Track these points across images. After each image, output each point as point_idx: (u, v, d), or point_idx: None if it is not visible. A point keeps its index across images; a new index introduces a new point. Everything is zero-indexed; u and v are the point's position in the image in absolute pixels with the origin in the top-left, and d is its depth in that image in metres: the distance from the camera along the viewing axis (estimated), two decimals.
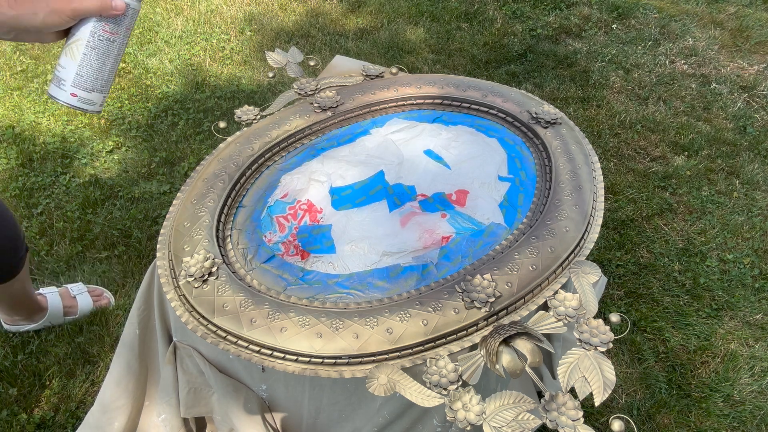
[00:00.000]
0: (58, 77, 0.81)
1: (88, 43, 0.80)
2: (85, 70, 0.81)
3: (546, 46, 2.86)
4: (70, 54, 0.80)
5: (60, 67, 0.81)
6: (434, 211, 1.00)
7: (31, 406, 1.46)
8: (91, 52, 0.80)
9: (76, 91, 0.81)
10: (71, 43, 0.80)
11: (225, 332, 0.79)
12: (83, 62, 0.81)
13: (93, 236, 1.90)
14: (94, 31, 0.80)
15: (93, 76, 0.82)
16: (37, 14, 0.74)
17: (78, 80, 0.81)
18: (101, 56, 0.82)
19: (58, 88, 0.81)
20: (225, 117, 2.38)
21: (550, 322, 0.79)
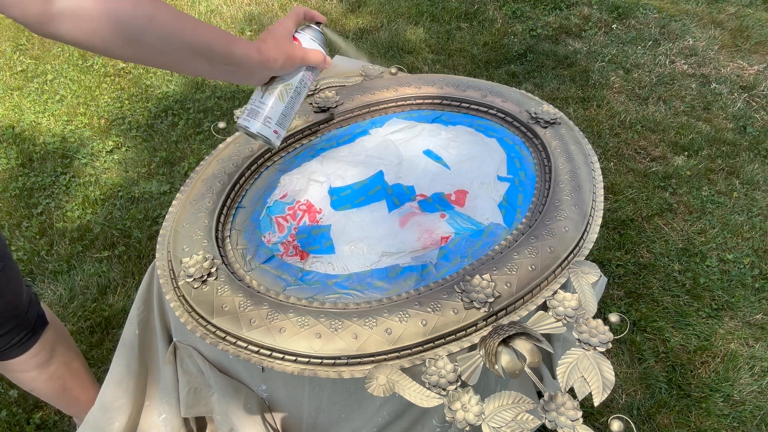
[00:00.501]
0: (261, 114, 0.89)
1: (296, 89, 0.90)
2: (287, 111, 0.90)
3: (546, 46, 2.85)
4: (279, 96, 0.89)
5: (264, 105, 0.89)
6: (433, 212, 1.00)
7: (30, 407, 1.46)
8: (295, 96, 0.91)
9: (278, 129, 0.90)
10: (279, 86, 0.89)
11: (224, 332, 0.80)
12: (289, 104, 0.90)
13: (93, 236, 1.90)
14: (303, 79, 0.91)
15: (289, 116, 0.92)
16: (277, 60, 0.82)
17: (282, 119, 0.90)
18: (299, 100, 0.92)
19: (260, 123, 0.89)
20: (225, 117, 2.38)
21: (549, 323, 0.79)
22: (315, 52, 0.90)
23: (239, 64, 0.78)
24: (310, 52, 0.89)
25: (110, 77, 2.66)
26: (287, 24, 0.88)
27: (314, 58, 0.89)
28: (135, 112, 2.45)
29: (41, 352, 1.10)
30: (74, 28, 0.64)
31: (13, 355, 1.07)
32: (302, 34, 0.92)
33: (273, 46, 0.83)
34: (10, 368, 1.10)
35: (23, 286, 1.05)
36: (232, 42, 0.76)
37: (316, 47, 0.91)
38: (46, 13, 0.62)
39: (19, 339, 1.06)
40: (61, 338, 1.16)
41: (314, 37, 0.92)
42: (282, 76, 0.89)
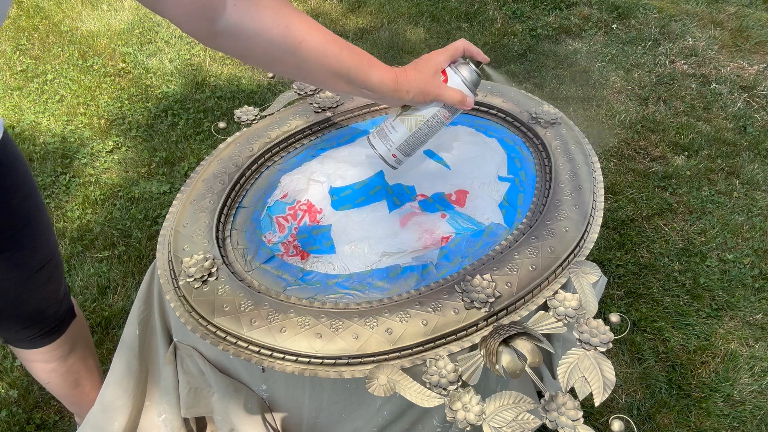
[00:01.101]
0: (387, 136, 0.91)
1: (427, 122, 0.90)
2: (412, 141, 0.91)
3: (546, 46, 2.86)
4: (408, 124, 0.90)
5: (392, 129, 0.91)
6: (434, 212, 1.00)
7: (30, 407, 1.46)
8: (424, 128, 0.90)
9: (397, 153, 0.92)
10: (412, 115, 0.89)
11: (225, 333, 0.79)
12: (415, 134, 0.90)
13: (93, 236, 1.90)
14: (436, 114, 0.90)
15: (414, 146, 0.92)
16: (409, 92, 0.84)
17: (403, 146, 0.91)
18: (429, 133, 0.91)
19: (383, 144, 0.92)
20: (225, 117, 2.38)
21: (549, 322, 0.79)
22: (453, 91, 0.87)
23: (374, 90, 0.82)
24: (448, 90, 0.87)
25: (110, 77, 2.66)
26: (439, 57, 0.87)
27: (449, 97, 0.87)
28: (135, 112, 2.45)
29: (65, 344, 1.12)
30: (233, 45, 0.73)
31: (41, 344, 1.09)
32: (454, 70, 0.88)
33: (412, 77, 0.84)
34: (32, 357, 1.12)
35: (63, 275, 1.09)
36: (371, 68, 0.80)
37: (461, 87, 0.88)
38: (211, 31, 0.70)
39: (50, 328, 1.08)
40: (83, 333, 1.18)
41: (465, 77, 0.88)
42: (417, 106, 0.89)
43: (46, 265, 1.00)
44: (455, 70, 0.88)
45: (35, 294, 1.01)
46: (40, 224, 0.98)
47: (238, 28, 0.70)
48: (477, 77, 0.89)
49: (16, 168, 0.92)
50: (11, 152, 0.91)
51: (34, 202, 0.96)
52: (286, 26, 0.72)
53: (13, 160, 0.92)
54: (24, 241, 0.95)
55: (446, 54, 0.88)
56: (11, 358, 1.54)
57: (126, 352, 1.03)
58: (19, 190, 0.93)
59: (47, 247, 1.00)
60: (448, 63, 0.88)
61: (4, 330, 1.05)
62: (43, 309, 1.05)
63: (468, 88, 0.88)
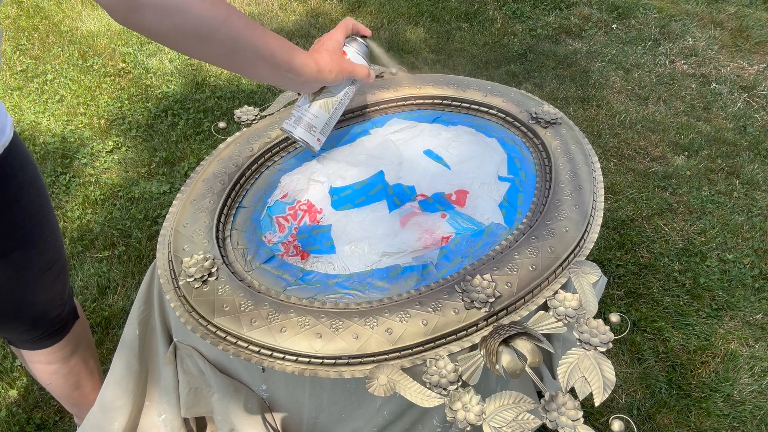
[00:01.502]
0: (308, 123, 0.96)
1: (340, 101, 0.97)
2: (330, 121, 0.97)
3: (546, 46, 2.86)
4: (324, 107, 0.96)
5: (312, 116, 0.96)
6: (434, 212, 1.00)
7: (30, 407, 1.46)
8: (339, 107, 0.97)
9: (321, 137, 0.98)
10: (327, 98, 0.95)
11: (225, 333, 0.79)
12: (332, 115, 0.97)
13: (93, 236, 1.90)
14: (347, 92, 0.97)
15: (331, 125, 0.98)
16: (331, 72, 0.89)
17: (325, 129, 0.97)
18: (340, 111, 0.98)
19: (308, 132, 0.96)
20: (225, 117, 2.38)
21: (549, 322, 0.79)
22: (361, 66, 0.95)
23: (298, 73, 0.84)
24: (358, 66, 0.94)
25: (110, 77, 2.66)
26: (337, 36, 0.93)
27: (360, 72, 0.95)
28: (135, 112, 2.45)
29: (67, 346, 1.12)
30: (157, 20, 0.68)
31: (44, 345, 1.09)
32: (348, 47, 0.96)
33: (327, 58, 0.89)
34: (34, 358, 1.12)
35: (68, 278, 1.09)
36: (293, 52, 0.82)
37: (361, 61, 0.96)
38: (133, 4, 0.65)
39: (54, 330, 1.08)
40: (85, 334, 1.18)
41: (359, 50, 0.96)
42: (329, 88, 0.95)
43: (54, 266, 1.00)
44: (350, 47, 0.96)
45: (41, 295, 1.01)
46: (49, 225, 0.98)
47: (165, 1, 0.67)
48: (367, 49, 0.98)
49: (26, 168, 0.92)
50: (20, 153, 0.91)
51: (43, 202, 0.97)
52: (211, 2, 0.72)
53: (23, 160, 0.92)
54: (34, 242, 0.95)
55: (341, 32, 0.94)
56: (11, 358, 1.54)
57: (126, 352, 1.03)
58: (29, 191, 0.93)
59: (55, 248, 1.00)
60: (343, 42, 0.94)
61: (8, 331, 1.05)
62: (48, 310, 1.05)
63: (365, 61, 0.96)
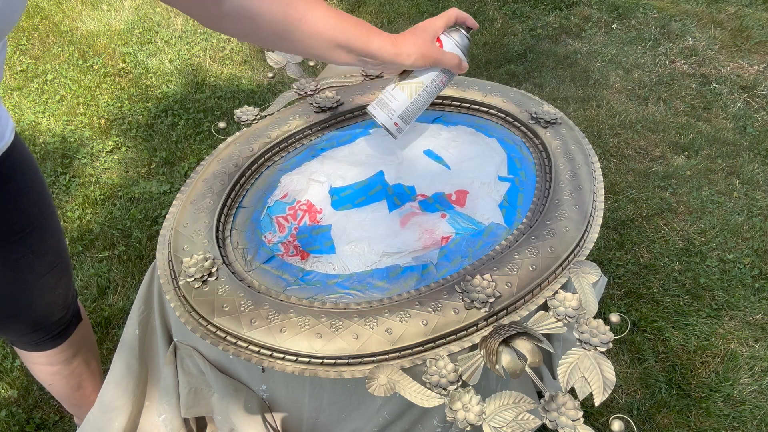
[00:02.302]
0: (387, 105, 0.94)
1: (425, 88, 0.93)
2: (413, 107, 0.94)
3: (546, 46, 2.86)
4: (407, 91, 0.93)
5: (392, 98, 0.94)
6: (434, 211, 1.00)
7: (30, 407, 1.46)
8: (423, 95, 0.94)
9: (399, 121, 0.95)
10: (411, 82, 0.92)
11: (225, 333, 0.79)
12: (415, 101, 0.94)
13: (93, 236, 1.90)
14: (434, 80, 0.93)
15: (415, 112, 0.95)
16: (410, 56, 0.86)
17: (405, 114, 0.95)
18: (428, 99, 0.95)
19: (385, 114, 0.95)
20: (225, 117, 2.38)
21: (550, 322, 0.79)
22: (451, 55, 0.91)
23: (375, 56, 0.85)
24: (446, 54, 0.91)
25: (110, 77, 2.66)
26: (436, 23, 0.90)
27: (448, 61, 0.91)
28: (135, 112, 2.45)
29: (70, 348, 1.12)
30: (236, 27, 0.77)
31: (46, 348, 1.09)
32: (447, 36, 0.92)
33: (410, 41, 0.87)
34: (36, 359, 1.12)
35: (73, 280, 1.09)
36: (370, 36, 0.83)
37: (456, 51, 0.92)
38: (217, 14, 0.74)
39: (57, 332, 1.08)
40: (88, 336, 1.18)
41: (458, 41, 0.92)
42: (415, 73, 0.92)
43: (55, 269, 1.00)
44: (449, 36, 0.92)
45: (42, 298, 1.00)
46: (50, 227, 0.97)
47: (241, 10, 0.74)
48: (468, 42, 0.93)
49: (28, 170, 0.92)
50: (23, 154, 0.91)
51: (44, 204, 0.96)
52: (286, 4, 0.76)
53: (24, 164, 0.91)
54: (33, 245, 0.94)
55: (441, 20, 0.91)
56: (11, 358, 1.54)
57: (126, 353, 1.03)
58: (31, 193, 0.92)
59: (56, 250, 1.00)
60: (442, 30, 0.91)
61: (10, 333, 1.05)
62: (50, 313, 1.04)
63: (462, 53, 0.92)
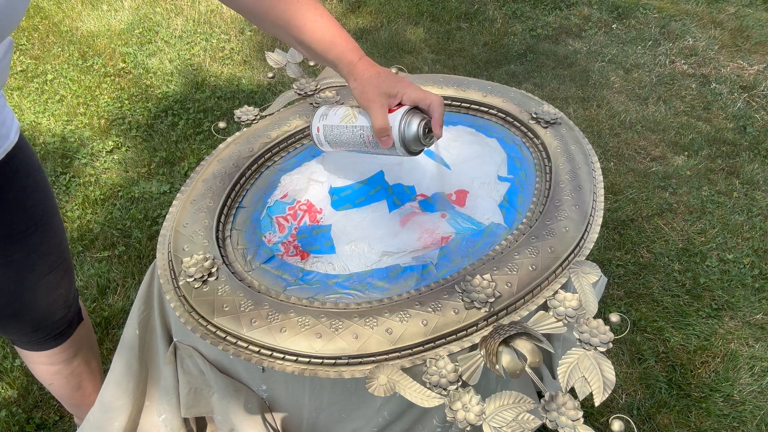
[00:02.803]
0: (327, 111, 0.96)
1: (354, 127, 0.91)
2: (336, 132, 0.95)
3: (546, 46, 2.86)
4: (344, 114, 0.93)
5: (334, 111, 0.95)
6: (434, 211, 1.00)
7: (30, 407, 1.46)
8: (349, 130, 0.92)
9: (321, 130, 0.96)
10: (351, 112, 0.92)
11: (225, 333, 0.79)
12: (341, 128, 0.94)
13: (93, 236, 1.90)
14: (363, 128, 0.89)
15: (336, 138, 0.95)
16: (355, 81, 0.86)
17: (328, 130, 0.95)
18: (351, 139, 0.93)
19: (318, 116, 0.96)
20: (225, 117, 2.38)
21: (549, 322, 0.79)
22: (383, 120, 0.84)
23: (333, 65, 0.87)
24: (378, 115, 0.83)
25: (110, 77, 2.66)
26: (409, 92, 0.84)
27: (375, 121, 0.84)
28: (135, 112, 2.45)
29: (70, 348, 1.12)
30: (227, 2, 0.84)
31: (47, 347, 1.09)
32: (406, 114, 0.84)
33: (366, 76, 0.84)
34: (37, 359, 1.12)
35: (74, 280, 1.09)
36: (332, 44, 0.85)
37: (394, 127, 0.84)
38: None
39: (58, 332, 1.08)
40: (88, 337, 1.18)
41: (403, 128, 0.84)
42: (360, 109, 0.90)
43: (57, 269, 1.00)
44: (406, 114, 0.85)
45: (44, 298, 1.01)
46: (52, 227, 0.97)
47: None
48: (415, 137, 0.85)
49: (32, 170, 0.92)
50: (27, 155, 0.91)
51: (48, 205, 0.96)
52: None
53: (29, 165, 0.92)
54: (35, 245, 0.94)
55: (416, 94, 0.85)
56: (11, 358, 1.54)
57: (126, 353, 1.03)
58: (34, 193, 0.93)
59: (58, 251, 1.00)
60: (411, 102, 0.85)
61: (11, 332, 1.05)
62: (52, 313, 1.05)
63: (399, 136, 0.85)
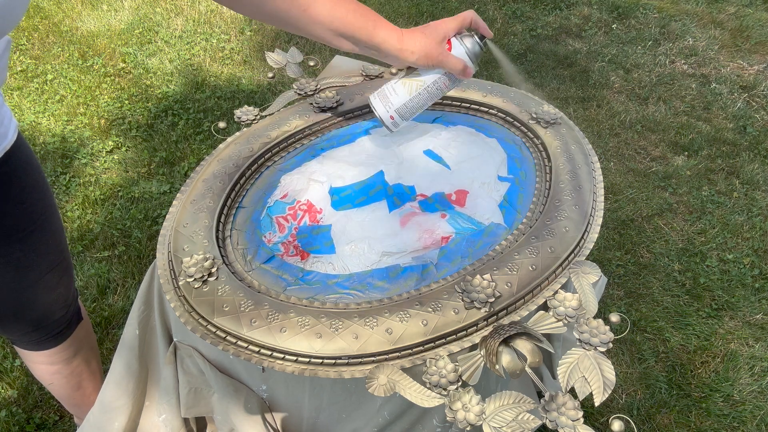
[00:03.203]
0: (387, 98, 0.94)
1: (427, 88, 0.92)
2: (411, 104, 0.94)
3: (546, 46, 2.85)
4: (408, 87, 0.92)
5: (392, 91, 0.94)
6: (434, 211, 1.00)
7: (30, 407, 1.46)
8: (424, 93, 0.93)
9: (395, 115, 0.95)
10: (413, 80, 0.92)
11: (225, 333, 0.79)
12: (414, 99, 0.93)
13: (93, 236, 1.90)
14: (437, 81, 0.92)
15: (413, 110, 0.95)
16: (414, 53, 0.87)
17: (402, 109, 0.95)
18: (428, 99, 0.95)
19: (383, 105, 0.95)
20: (225, 117, 2.38)
21: (549, 322, 0.79)
22: (456, 59, 0.89)
23: (378, 49, 0.85)
24: (451, 58, 0.89)
25: (110, 77, 2.66)
26: (449, 24, 0.89)
27: (452, 65, 0.89)
28: (135, 112, 2.45)
29: (70, 347, 1.12)
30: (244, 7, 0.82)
31: (47, 347, 1.09)
32: (459, 40, 0.90)
33: (417, 39, 0.86)
34: (37, 359, 1.12)
35: (73, 279, 1.08)
36: (376, 29, 0.84)
37: (463, 57, 0.90)
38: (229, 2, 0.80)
39: (57, 331, 1.08)
40: (88, 336, 1.18)
41: (469, 48, 0.90)
42: (419, 71, 0.91)
43: (56, 269, 1.00)
44: (460, 41, 0.90)
45: (43, 297, 1.01)
46: (51, 227, 0.97)
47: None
48: (479, 50, 0.91)
49: (31, 170, 0.92)
50: (25, 155, 0.91)
51: (47, 204, 0.96)
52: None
53: (27, 165, 0.92)
54: (34, 244, 0.94)
55: (454, 23, 0.90)
56: (11, 358, 1.54)
57: (126, 353, 1.03)
58: (33, 192, 0.93)
59: (57, 251, 1.00)
60: (455, 32, 0.90)
61: (10, 331, 1.05)
62: (51, 312, 1.04)
63: (470, 59, 0.90)
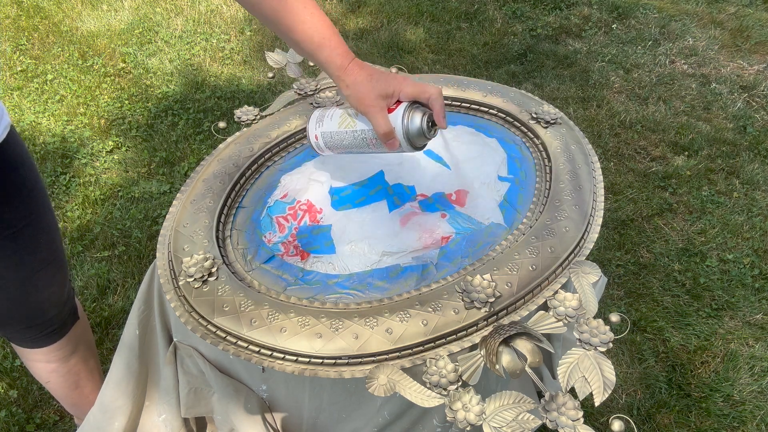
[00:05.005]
0: (322, 118, 0.93)
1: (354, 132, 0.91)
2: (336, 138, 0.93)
3: (546, 46, 2.86)
4: (342, 119, 0.91)
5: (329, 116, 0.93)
6: (434, 211, 1.00)
7: (30, 407, 1.46)
8: (350, 135, 0.90)
9: (320, 137, 0.95)
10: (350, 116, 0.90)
11: (225, 332, 0.79)
12: (341, 134, 0.92)
13: (93, 236, 1.90)
14: (365, 131, 0.88)
15: (337, 145, 0.95)
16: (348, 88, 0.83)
17: (327, 136, 0.93)
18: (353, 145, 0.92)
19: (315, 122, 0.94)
20: (225, 117, 2.38)
21: (550, 322, 0.79)
22: (384, 122, 0.81)
23: (322, 67, 0.84)
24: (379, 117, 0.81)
25: (110, 77, 2.66)
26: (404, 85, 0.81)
27: (377, 123, 0.81)
28: (135, 112, 2.45)
29: (67, 345, 1.12)
30: None
31: (43, 344, 1.09)
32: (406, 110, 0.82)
33: (359, 80, 0.81)
34: (34, 356, 1.12)
35: (68, 277, 1.08)
36: (321, 47, 0.81)
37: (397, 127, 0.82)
38: None
39: (52, 329, 1.08)
40: (85, 335, 1.18)
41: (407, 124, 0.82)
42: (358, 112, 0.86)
43: (48, 267, 0.99)
44: (407, 110, 0.83)
45: (35, 294, 1.00)
46: (43, 223, 0.97)
47: None
48: (420, 132, 0.84)
49: (22, 165, 0.92)
50: (16, 153, 0.91)
51: (39, 200, 0.96)
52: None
53: (18, 161, 0.91)
54: (25, 240, 0.94)
55: (412, 89, 0.82)
56: (11, 358, 1.54)
57: (126, 353, 1.03)
58: (24, 187, 0.92)
59: (49, 249, 0.99)
60: (409, 98, 0.83)
61: (6, 329, 1.05)
62: (44, 310, 1.04)
63: (403, 134, 0.83)
